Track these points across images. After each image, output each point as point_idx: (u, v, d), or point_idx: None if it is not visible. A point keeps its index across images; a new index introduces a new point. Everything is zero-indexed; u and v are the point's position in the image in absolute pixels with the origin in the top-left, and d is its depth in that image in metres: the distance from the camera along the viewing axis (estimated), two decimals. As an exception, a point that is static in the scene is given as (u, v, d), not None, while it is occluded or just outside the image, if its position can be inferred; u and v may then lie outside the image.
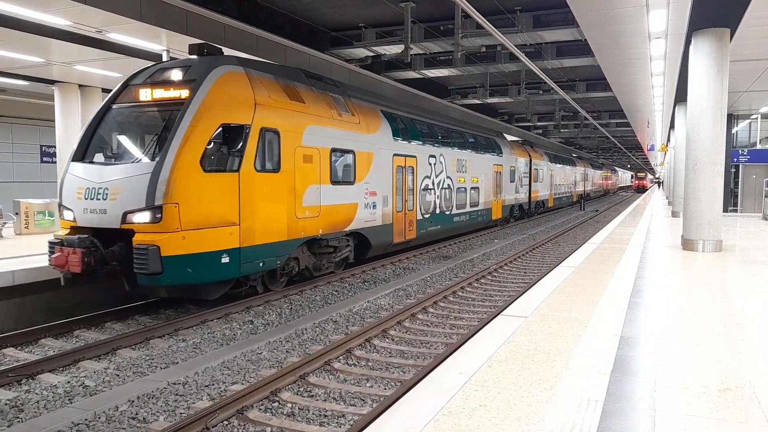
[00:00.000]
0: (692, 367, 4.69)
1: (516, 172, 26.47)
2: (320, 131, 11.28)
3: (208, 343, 7.94)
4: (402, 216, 15.13)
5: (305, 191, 10.80)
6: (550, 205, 35.26)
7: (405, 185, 15.22)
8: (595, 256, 11.01)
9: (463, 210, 19.77)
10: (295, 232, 10.50)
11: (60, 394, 6.14)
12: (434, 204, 17.29)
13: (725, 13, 10.61)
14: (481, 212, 21.82)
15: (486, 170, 22.22)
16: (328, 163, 11.57)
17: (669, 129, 30.79)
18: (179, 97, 9.06)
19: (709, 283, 8.55)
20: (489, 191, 22.53)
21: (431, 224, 17.11)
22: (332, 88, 12.61)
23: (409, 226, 15.62)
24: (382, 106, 14.83)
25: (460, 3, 9.89)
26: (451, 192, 18.54)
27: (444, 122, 19.51)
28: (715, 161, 11.35)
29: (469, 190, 20.26)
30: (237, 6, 15.91)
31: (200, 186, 8.63)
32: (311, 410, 5.72)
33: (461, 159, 19.43)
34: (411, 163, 15.56)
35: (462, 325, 9.05)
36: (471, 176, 20.35)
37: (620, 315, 6.37)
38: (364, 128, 13.09)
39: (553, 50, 20.73)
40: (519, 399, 3.99)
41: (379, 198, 13.66)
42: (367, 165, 13.14)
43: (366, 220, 13.09)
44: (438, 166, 17.43)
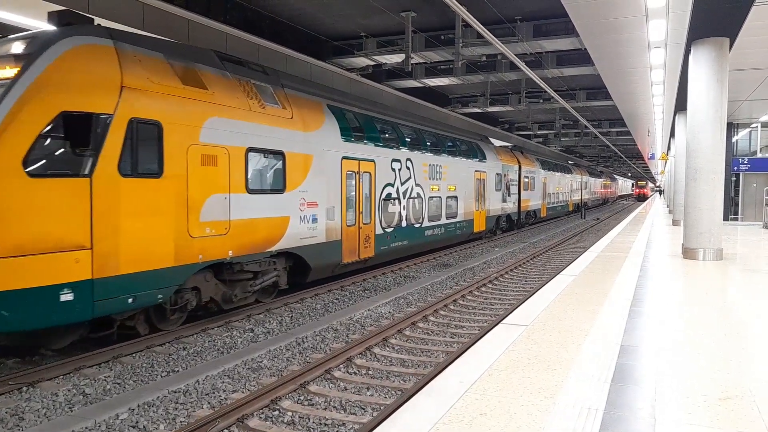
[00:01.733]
0: (692, 376, 4.69)
1: (502, 179, 24.33)
2: (230, 126, 9.04)
3: (209, 351, 7.94)
4: (355, 231, 12.88)
5: (205, 202, 8.50)
6: (543, 216, 33.19)
7: (359, 194, 13.03)
8: (596, 265, 11.01)
9: (438, 222, 17.60)
10: (187, 256, 8.20)
11: (60, 402, 6.13)
12: (399, 216, 15.02)
13: (724, 22, 10.66)
14: (460, 224, 19.59)
15: (466, 177, 19.94)
16: (242, 167, 9.28)
17: (669, 137, 30.85)
18: (5, 77, 6.83)
19: (710, 292, 8.54)
20: (470, 201, 20.38)
21: (396, 239, 14.89)
22: (257, 75, 10.33)
23: (366, 243, 13.37)
24: (329, 100, 12.61)
25: (461, 12, 9.95)
26: (421, 202, 16.35)
27: (413, 122, 17.22)
28: (715, 170, 11.37)
29: (445, 200, 18.09)
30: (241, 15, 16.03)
31: (21, 195, 6.47)
32: (311, 419, 5.72)
33: (435, 165, 17.19)
34: (367, 168, 13.37)
35: (462, 333, 9.05)
36: (447, 184, 18.12)
37: (621, 324, 6.37)
38: (299, 124, 10.82)
39: (554, 59, 20.86)
40: (519, 408, 3.99)
41: (321, 210, 11.44)
42: (304, 170, 10.91)
43: (302, 237, 10.83)
44: (404, 173, 15.26)
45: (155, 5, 11.64)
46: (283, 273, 10.71)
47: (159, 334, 8.45)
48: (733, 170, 22.86)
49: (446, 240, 18.70)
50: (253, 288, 9.81)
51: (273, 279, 10.35)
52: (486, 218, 22.28)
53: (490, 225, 22.95)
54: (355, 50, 19.58)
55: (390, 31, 18.38)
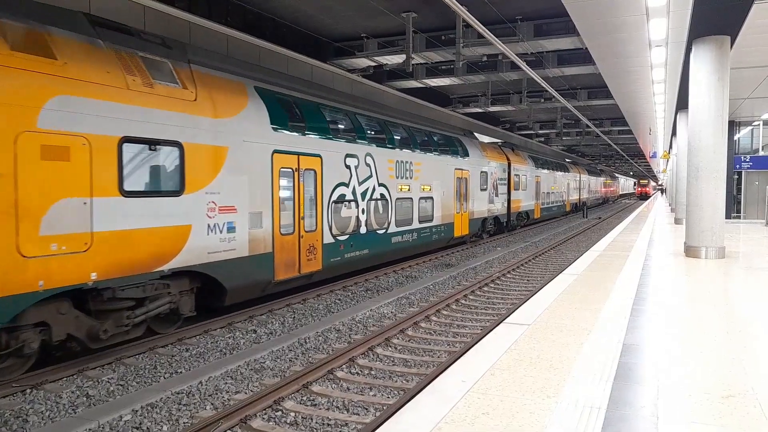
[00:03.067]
0: (695, 374, 4.69)
1: (489, 178, 22.30)
2: (93, 108, 7.02)
3: (212, 353, 7.96)
4: (293, 240, 10.70)
5: (49, 210, 6.53)
6: (536, 217, 30.89)
7: (299, 196, 10.87)
8: (598, 264, 11.00)
9: (408, 227, 15.47)
10: (16, 283, 6.22)
11: (64, 404, 6.16)
12: (357, 221, 12.99)
13: (725, 20, 10.65)
14: (438, 229, 17.46)
15: (444, 176, 17.87)
16: (114, 162, 7.30)
17: (671, 136, 30.82)
18: None
19: (712, 290, 8.54)
20: (449, 202, 18.25)
21: (352, 248, 12.77)
22: (151, 47, 8.30)
23: (309, 254, 11.20)
24: (257, 81, 10.44)
25: (462, 13, 9.96)
26: (386, 204, 14.30)
27: (375, 112, 14.92)
28: (717, 168, 11.36)
29: (418, 202, 16.02)
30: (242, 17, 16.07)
31: None
32: (314, 419, 5.73)
33: (404, 161, 15.17)
34: (311, 164, 11.26)
35: (465, 333, 9.05)
36: (420, 183, 16.10)
37: (623, 322, 6.37)
38: (206, 109, 8.71)
39: (555, 59, 20.85)
40: (522, 407, 4.00)
41: (241, 216, 9.36)
42: (213, 166, 8.82)
43: (212, 251, 8.73)
44: (363, 170, 13.22)
45: (156, 7, 11.67)
46: (186, 297, 8.62)
47: (162, 335, 8.48)
48: (735, 168, 22.84)
49: (421, 247, 16.68)
50: (133, 319, 7.62)
51: (165, 307, 8.15)
52: (469, 221, 20.27)
53: (474, 228, 20.92)
54: (356, 51, 19.60)
55: (391, 32, 18.39)
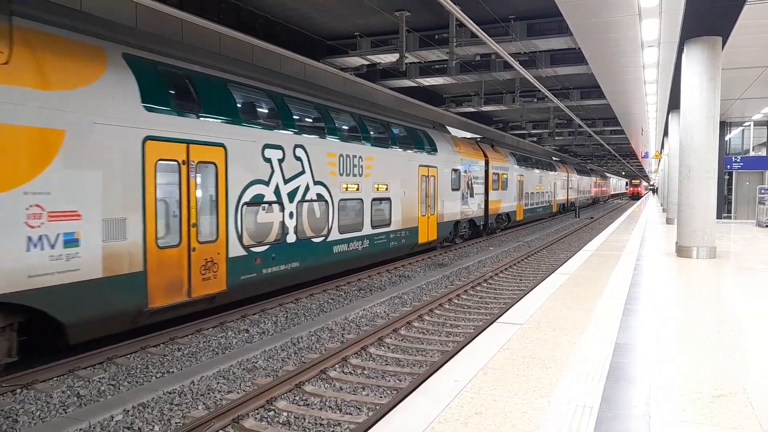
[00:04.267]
0: (686, 373, 4.71)
1: (462, 176, 20.14)
2: None
3: (204, 352, 7.92)
4: (179, 255, 8.33)
5: None
6: (518, 219, 28.72)
7: (189, 197, 8.48)
8: (590, 263, 11.04)
9: (357, 233, 13.27)
10: None
11: (55, 404, 6.11)
12: (281, 228, 10.59)
13: (717, 21, 10.70)
14: (396, 234, 15.21)
15: (406, 174, 15.73)
16: None
17: (663, 136, 30.98)
18: None
19: (704, 290, 8.58)
20: (412, 203, 16.08)
21: (275, 262, 10.42)
22: None
23: (207, 272, 8.77)
24: (129, 47, 8.23)
25: (455, 12, 9.96)
26: (326, 207, 12.00)
27: (312, 95, 12.56)
28: (708, 168, 11.42)
29: (370, 204, 13.78)
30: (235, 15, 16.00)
31: None
32: (307, 419, 5.71)
33: (351, 156, 12.91)
34: (208, 156, 8.88)
35: (458, 332, 9.06)
36: (373, 182, 13.91)
37: (615, 322, 6.39)
38: (24, 76, 6.52)
39: (547, 58, 20.89)
40: (514, 406, 4.00)
41: (89, 225, 7.13)
42: (39, 156, 6.63)
43: (34, 275, 6.54)
44: (291, 165, 10.85)
45: (148, 5, 11.60)
46: None
47: (154, 334, 8.43)
48: (726, 169, 22.96)
49: (376, 255, 14.51)
50: None
51: None
52: (438, 225, 18.11)
53: (444, 233, 18.75)
54: (349, 50, 19.56)
55: (384, 30, 18.36)
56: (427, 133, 17.98)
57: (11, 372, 6.73)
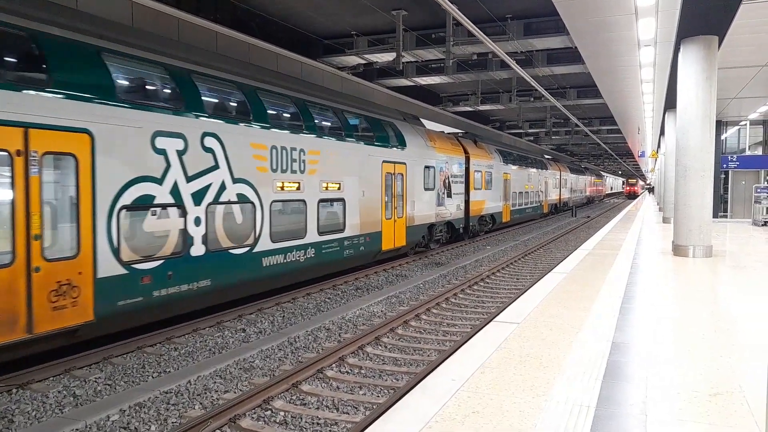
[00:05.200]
0: (683, 372, 4.72)
1: (437, 174, 17.96)
2: None
3: (200, 352, 7.91)
4: (10, 277, 6.24)
5: None
6: (505, 221, 26.65)
7: (29, 200, 6.45)
8: (587, 262, 11.06)
9: (297, 242, 11.02)
10: None
11: (51, 404, 6.09)
12: (182, 238, 8.38)
13: (713, 20, 10.73)
14: (353, 241, 13.11)
15: (366, 171, 13.60)
16: None
17: (659, 135, 31.06)
18: None
19: (700, 289, 8.60)
20: (373, 205, 14.00)
21: (171, 282, 8.20)
22: None
23: (59, 298, 6.73)
24: None
25: (452, 11, 9.96)
26: (251, 211, 9.79)
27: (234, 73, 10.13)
28: (704, 167, 11.45)
29: (316, 205, 11.57)
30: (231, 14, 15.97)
31: None
32: (304, 418, 5.70)
33: (288, 148, 10.65)
34: (63, 145, 6.83)
35: (455, 332, 9.06)
36: (321, 180, 11.72)
37: (612, 321, 6.40)
38: None
39: (544, 58, 20.92)
40: (511, 405, 4.00)
41: None
42: None
43: None
44: (197, 158, 8.63)
45: (145, 3, 11.57)
46: None
47: (150, 334, 8.41)
48: (722, 168, 23.03)
49: (325, 267, 12.26)
50: None
51: None
52: (407, 229, 15.94)
53: (414, 237, 16.58)
54: (346, 49, 19.55)
55: (381, 29, 18.37)
56: (394, 125, 15.74)
57: (7, 372, 6.71)
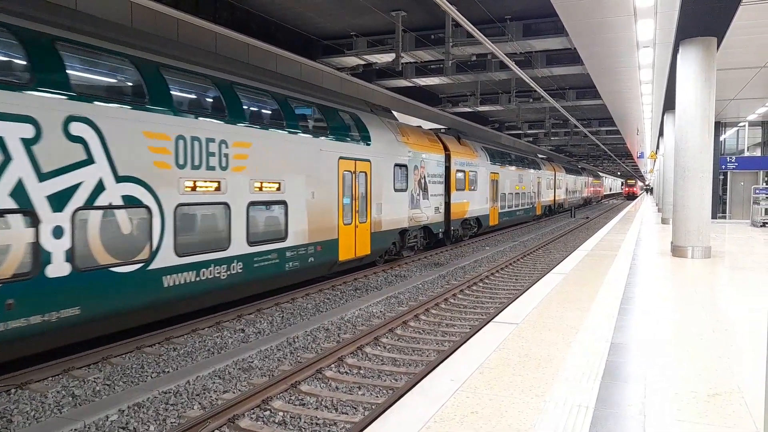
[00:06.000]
0: (682, 373, 4.72)
1: (410, 173, 16.18)
2: None
3: (199, 352, 7.90)
4: None
5: None
6: (493, 224, 24.95)
7: None
8: (586, 263, 11.06)
9: (217, 254, 9.06)
10: None
11: (50, 404, 6.09)
12: (32, 255, 6.52)
13: (712, 22, 10.75)
14: (298, 252, 11.07)
15: (316, 168, 11.58)
16: None
17: (658, 136, 31.09)
18: None
19: (699, 290, 8.61)
20: (326, 208, 12.05)
21: (12, 314, 6.28)
22: None
23: None
24: None
25: (451, 12, 9.97)
26: (147, 217, 7.94)
27: (122, 43, 8.11)
28: (703, 168, 11.47)
29: (245, 210, 9.61)
30: (230, 14, 15.97)
31: None
32: (303, 419, 5.71)
33: (200, 139, 8.68)
34: None
35: (454, 332, 9.06)
36: (251, 178, 9.75)
37: (610, 321, 6.40)
38: None
39: (543, 59, 20.94)
40: (510, 405, 4.01)
41: None
42: None
43: None
44: (58, 150, 6.79)
45: (143, 4, 11.56)
46: None
47: (149, 334, 8.41)
48: (720, 169, 23.04)
49: (258, 284, 10.27)
50: None
51: None
52: (373, 235, 14.13)
53: (382, 245, 14.77)
54: (345, 50, 19.56)
55: (380, 30, 18.37)
56: (356, 116, 13.85)
57: (5, 372, 6.71)
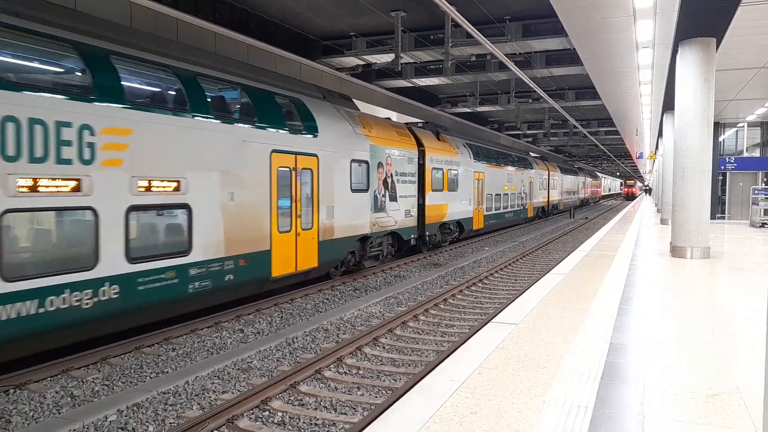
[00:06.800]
0: (680, 373, 4.72)
1: (373, 171, 14.09)
2: None
3: (198, 352, 7.90)
4: None
5: None
6: (477, 227, 22.70)
7: None
8: (585, 264, 11.06)
9: (80, 275, 6.99)
10: None
11: (48, 404, 6.08)
12: None
13: (711, 22, 10.75)
14: (210, 269, 8.98)
15: (235, 163, 9.54)
16: None
17: (657, 137, 31.10)
18: None
19: (698, 290, 8.62)
20: (252, 214, 9.92)
21: None
22: None
23: None
24: None
25: (450, 12, 9.97)
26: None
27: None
28: (702, 169, 11.47)
29: (123, 217, 7.60)
30: (229, 15, 15.96)
31: None
32: (302, 419, 5.70)
33: (46, 124, 6.58)
34: None
35: (453, 332, 9.06)
36: (132, 176, 7.72)
37: (609, 322, 6.40)
38: None
39: (543, 59, 20.93)
40: (509, 406, 4.01)
41: None
42: None
43: None
44: None
45: (143, 4, 11.55)
46: None
47: (148, 334, 8.40)
48: (720, 169, 23.05)
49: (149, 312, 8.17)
50: None
51: None
52: (322, 245, 11.82)
53: (335, 255, 12.50)
54: (344, 50, 19.55)
55: (379, 30, 18.36)
56: (300, 102, 11.50)
57: (4, 372, 6.70)
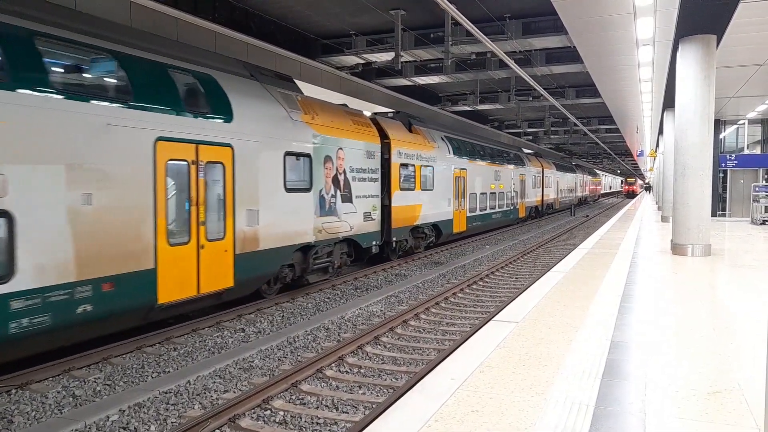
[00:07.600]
0: (682, 371, 4.72)
1: (318, 167, 11.70)
2: None
3: (200, 352, 7.90)
4: None
5: None
6: (459, 230, 20.32)
7: None
8: (586, 261, 11.06)
9: None
10: None
11: (50, 404, 6.08)
12: None
13: (712, 19, 10.74)
14: (49, 300, 6.40)
15: (94, 156, 6.92)
16: None
17: (658, 134, 31.07)
18: None
19: (699, 287, 8.61)
20: (123, 221, 7.39)
21: None
22: None
23: None
24: None
25: (450, 11, 9.96)
26: None
27: None
28: (703, 166, 11.46)
29: None
30: (229, 14, 15.96)
31: None
32: (303, 418, 5.71)
33: None
34: None
35: (454, 331, 9.06)
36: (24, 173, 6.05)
37: (611, 319, 6.40)
38: None
39: (543, 57, 20.93)
40: (511, 404, 4.01)
41: None
42: None
43: None
44: None
45: (143, 3, 11.55)
46: None
47: (149, 334, 8.41)
48: (720, 167, 23.03)
49: None
50: None
51: None
52: (240, 259, 9.42)
53: (261, 270, 10.20)
54: (344, 48, 19.55)
55: (379, 29, 18.36)
56: (208, 78, 9.21)
57: (6, 372, 6.71)
